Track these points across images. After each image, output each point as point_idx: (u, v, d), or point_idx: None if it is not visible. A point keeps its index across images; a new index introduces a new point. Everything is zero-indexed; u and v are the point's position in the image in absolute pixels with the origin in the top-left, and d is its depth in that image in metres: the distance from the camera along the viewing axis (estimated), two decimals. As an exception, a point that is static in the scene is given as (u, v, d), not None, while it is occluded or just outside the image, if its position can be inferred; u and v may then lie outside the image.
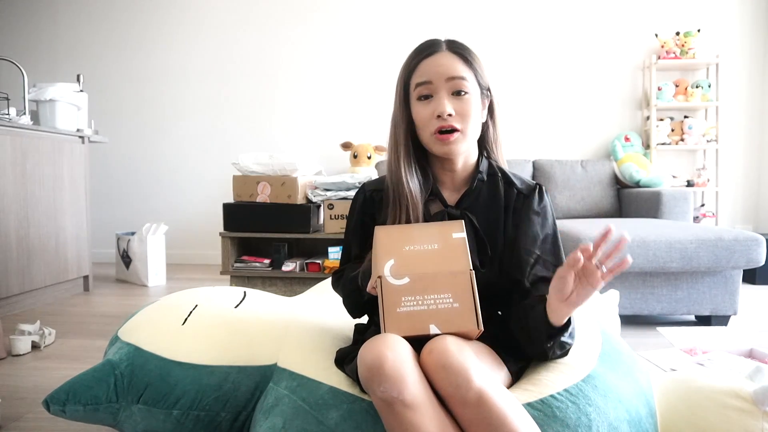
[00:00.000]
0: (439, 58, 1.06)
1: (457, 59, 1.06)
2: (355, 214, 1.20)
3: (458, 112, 1.04)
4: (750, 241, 2.29)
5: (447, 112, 1.03)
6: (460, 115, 1.04)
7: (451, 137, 1.04)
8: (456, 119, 1.04)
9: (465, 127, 1.05)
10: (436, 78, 1.04)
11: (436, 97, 1.05)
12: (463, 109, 1.04)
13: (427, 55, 1.07)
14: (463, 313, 0.92)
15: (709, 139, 3.91)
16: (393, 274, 0.94)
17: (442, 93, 1.04)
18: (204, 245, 4.26)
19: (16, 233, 2.66)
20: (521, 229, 1.10)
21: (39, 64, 4.25)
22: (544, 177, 3.55)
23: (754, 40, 4.00)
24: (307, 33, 4.17)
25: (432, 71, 1.05)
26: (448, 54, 1.06)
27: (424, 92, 1.06)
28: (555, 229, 1.12)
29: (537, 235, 1.10)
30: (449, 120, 1.04)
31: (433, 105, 1.05)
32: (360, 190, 1.22)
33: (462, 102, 1.04)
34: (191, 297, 1.40)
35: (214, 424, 1.14)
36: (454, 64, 1.05)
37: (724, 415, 1.03)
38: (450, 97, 1.04)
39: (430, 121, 1.05)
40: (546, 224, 1.11)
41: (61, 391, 1.13)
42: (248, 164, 2.90)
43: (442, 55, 1.06)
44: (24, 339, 2.08)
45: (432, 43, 1.09)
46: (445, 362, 0.85)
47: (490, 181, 1.13)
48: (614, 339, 1.28)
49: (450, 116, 1.04)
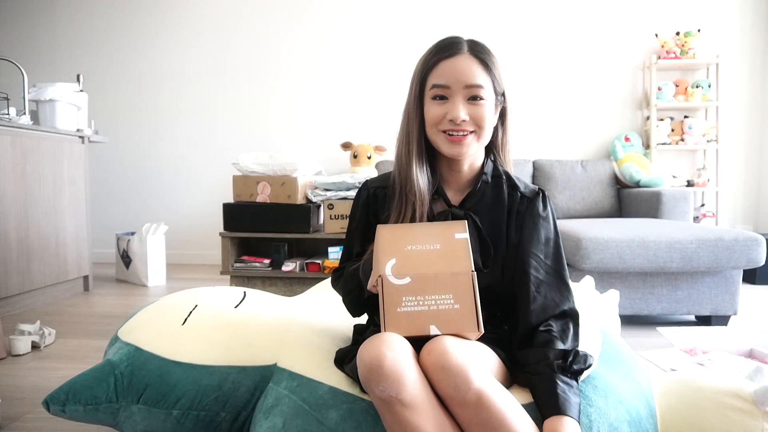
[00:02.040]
0: (460, 61, 1.04)
1: (477, 64, 1.04)
2: (357, 211, 1.19)
3: (472, 117, 1.04)
4: (750, 241, 2.29)
5: (461, 119, 1.03)
6: (474, 121, 1.04)
7: (464, 139, 1.05)
8: (469, 124, 1.04)
9: (478, 131, 1.05)
10: (454, 83, 1.03)
11: (451, 101, 1.04)
12: (477, 115, 1.04)
13: (448, 55, 1.05)
14: (463, 315, 0.92)
15: (709, 139, 3.91)
16: (394, 274, 0.94)
17: (458, 98, 1.04)
18: (204, 245, 4.26)
19: (16, 233, 2.66)
20: (525, 231, 1.10)
21: (39, 64, 4.25)
22: (544, 177, 3.55)
23: (754, 40, 4.00)
24: (307, 33, 4.17)
25: (451, 75, 1.04)
26: (469, 58, 1.04)
27: (440, 93, 1.05)
28: (557, 236, 1.13)
29: (540, 239, 1.10)
30: (462, 125, 1.04)
31: (447, 107, 1.04)
32: (363, 187, 1.20)
33: (477, 108, 1.04)
34: (191, 297, 1.40)
35: (214, 424, 1.14)
36: (474, 70, 1.04)
37: (724, 415, 1.03)
38: (465, 102, 1.04)
39: (442, 121, 1.05)
40: (549, 229, 1.12)
41: (60, 391, 1.13)
42: (248, 164, 2.89)
43: (463, 58, 1.04)
44: (24, 339, 2.07)
45: (454, 42, 1.06)
46: (444, 363, 0.85)
47: (494, 184, 1.13)
48: (614, 339, 1.28)
49: (464, 122, 1.04)
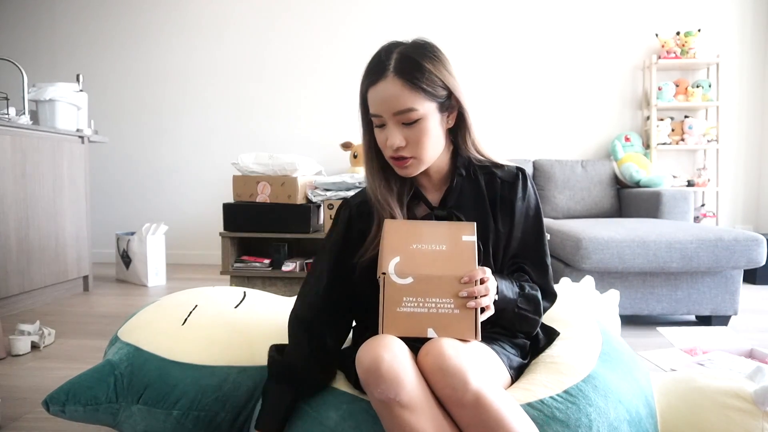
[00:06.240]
0: (384, 88, 0.98)
1: (403, 86, 0.97)
2: (336, 229, 1.14)
3: (410, 140, 1.01)
4: (750, 241, 2.29)
5: (396, 145, 1.00)
6: (413, 144, 1.01)
7: (405, 163, 1.03)
8: (408, 149, 1.01)
9: (419, 153, 1.02)
10: (384, 111, 1.00)
11: (387, 128, 1.01)
12: (414, 139, 1.00)
13: (372, 82, 1.00)
14: (462, 320, 0.92)
15: (710, 139, 3.91)
16: (397, 272, 0.93)
17: (391, 125, 1.00)
18: (204, 245, 4.26)
19: (16, 233, 2.66)
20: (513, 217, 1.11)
21: (39, 64, 4.25)
22: (544, 177, 3.55)
23: (754, 40, 4.00)
24: (307, 33, 4.17)
25: (380, 105, 1.00)
26: (394, 81, 0.98)
27: (377, 122, 1.03)
28: (539, 210, 1.14)
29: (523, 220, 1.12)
30: (400, 151, 1.01)
31: (385, 133, 1.02)
32: (344, 205, 1.16)
33: (413, 130, 1.00)
34: (191, 297, 1.40)
35: (214, 424, 1.14)
36: (400, 96, 0.98)
37: (725, 415, 1.03)
38: (400, 127, 1.00)
39: (385, 147, 1.03)
40: (530, 207, 1.13)
41: (60, 391, 1.13)
42: (248, 164, 2.89)
43: (387, 84, 0.98)
44: (24, 339, 2.07)
45: (377, 66, 1.00)
46: (441, 365, 0.85)
47: (469, 177, 1.12)
48: (614, 339, 1.28)
49: (401, 148, 1.01)
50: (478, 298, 0.92)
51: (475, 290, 0.92)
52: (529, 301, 1.08)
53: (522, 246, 1.12)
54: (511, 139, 4.08)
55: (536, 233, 1.13)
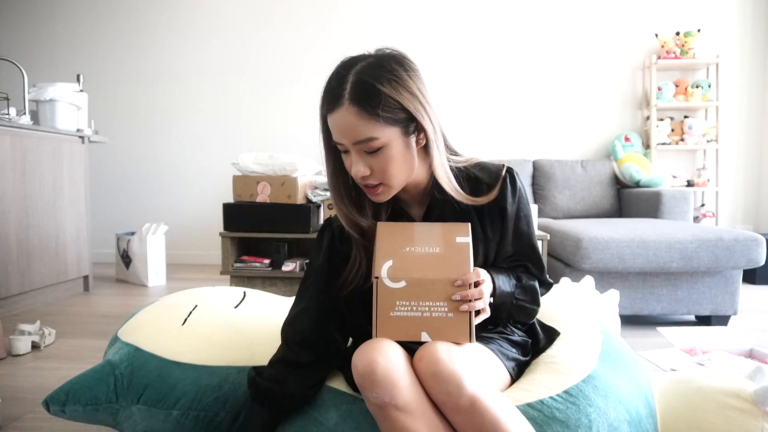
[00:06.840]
0: (341, 116, 0.92)
1: (359, 115, 0.91)
2: (321, 253, 1.09)
3: (375, 169, 0.96)
4: (750, 241, 2.29)
5: (362, 174, 0.96)
6: (379, 172, 0.96)
7: (375, 191, 0.99)
8: (374, 177, 0.97)
9: (387, 180, 0.97)
10: (344, 140, 0.95)
11: (351, 155, 0.97)
12: (380, 166, 0.95)
13: (330, 110, 0.95)
14: (456, 324, 0.91)
15: (709, 139, 3.91)
16: (390, 277, 0.92)
17: (354, 153, 0.95)
18: (204, 245, 4.26)
19: (16, 233, 2.66)
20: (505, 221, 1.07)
21: (39, 64, 4.25)
22: (544, 177, 3.55)
23: (754, 40, 4.00)
24: (307, 32, 4.17)
25: (340, 134, 0.95)
26: (349, 109, 0.92)
27: (341, 148, 0.98)
28: (528, 210, 1.10)
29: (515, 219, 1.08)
30: (366, 180, 0.97)
31: (351, 160, 0.97)
32: (326, 226, 1.11)
33: (377, 159, 0.95)
34: (191, 297, 1.40)
35: (214, 424, 1.14)
36: (357, 125, 0.92)
37: (725, 415, 1.03)
38: (364, 155, 0.95)
39: (352, 173, 0.98)
40: (521, 206, 1.08)
41: (60, 391, 1.13)
42: (248, 164, 2.89)
43: (343, 112, 0.92)
44: (24, 339, 2.07)
45: (331, 93, 0.95)
46: (435, 370, 0.85)
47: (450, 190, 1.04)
48: (614, 339, 1.28)
49: (366, 177, 0.96)
50: (471, 301, 0.90)
51: (468, 293, 0.90)
52: (527, 291, 1.08)
53: (516, 243, 1.10)
54: (511, 139, 4.08)
55: (527, 225, 1.11)
